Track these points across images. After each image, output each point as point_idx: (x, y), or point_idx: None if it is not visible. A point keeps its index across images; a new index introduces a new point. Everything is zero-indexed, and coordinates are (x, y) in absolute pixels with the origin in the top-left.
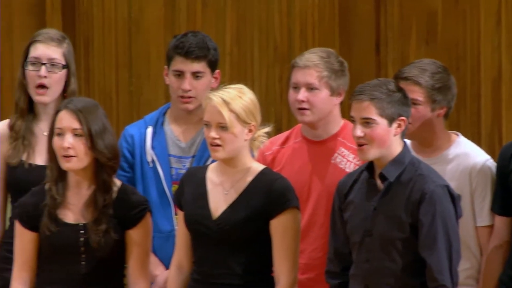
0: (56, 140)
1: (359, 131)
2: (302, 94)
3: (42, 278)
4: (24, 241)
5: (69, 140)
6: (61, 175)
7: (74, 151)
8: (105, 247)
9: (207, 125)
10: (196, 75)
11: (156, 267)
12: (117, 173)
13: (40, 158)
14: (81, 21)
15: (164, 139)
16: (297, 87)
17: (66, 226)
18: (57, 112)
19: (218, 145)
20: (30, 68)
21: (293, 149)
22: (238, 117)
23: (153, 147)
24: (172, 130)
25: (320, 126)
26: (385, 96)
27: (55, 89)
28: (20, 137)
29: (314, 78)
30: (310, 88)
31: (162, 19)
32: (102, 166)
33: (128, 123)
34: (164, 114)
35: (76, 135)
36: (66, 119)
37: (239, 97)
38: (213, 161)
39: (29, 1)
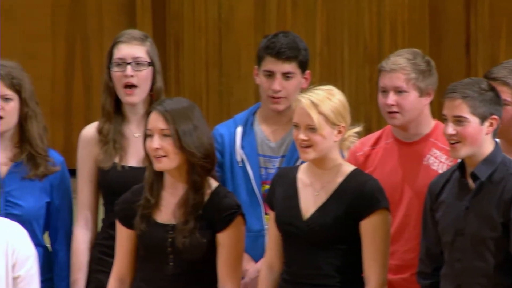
0: (147, 141)
1: (451, 129)
2: (391, 98)
3: (138, 276)
4: (121, 238)
5: (157, 141)
6: (157, 176)
7: (164, 151)
8: (191, 248)
9: (296, 126)
10: (286, 75)
11: (248, 263)
12: None
13: (132, 160)
14: (172, 21)
15: (254, 139)
16: (385, 91)
17: (157, 226)
18: (148, 113)
19: (307, 147)
20: (115, 69)
21: (384, 150)
22: (327, 119)
23: (242, 147)
24: (262, 130)
25: (411, 128)
26: (477, 94)
27: (143, 88)
28: (110, 140)
29: (401, 81)
30: (399, 91)
31: (252, 19)
32: (194, 166)
33: (218, 123)
34: (254, 113)
35: (164, 135)
36: (154, 120)
37: (328, 98)
38: (303, 162)
39: (120, 1)
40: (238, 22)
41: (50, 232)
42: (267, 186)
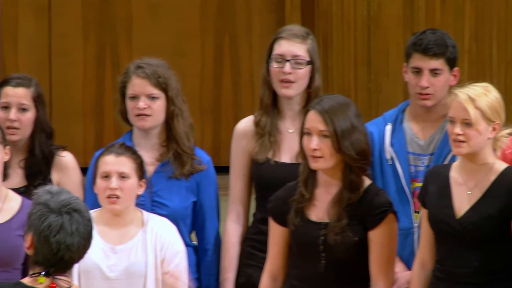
0: (304, 139)
1: None
2: None
3: (290, 274)
4: (274, 236)
5: (316, 141)
6: (311, 173)
7: (321, 152)
8: (342, 246)
9: (452, 121)
10: (434, 72)
11: (396, 265)
12: None
13: (285, 156)
14: (320, 19)
15: (403, 137)
16: None
17: (309, 224)
18: (306, 111)
19: (461, 141)
20: (274, 65)
21: None
22: (483, 114)
23: (392, 145)
24: (411, 127)
25: None
26: None
27: (300, 84)
28: (266, 133)
29: None
30: None
31: (401, 17)
32: (350, 166)
33: (367, 120)
34: (403, 111)
35: (323, 136)
36: (313, 120)
37: (484, 94)
38: (452, 160)
39: None
40: (387, 19)
41: (197, 231)
42: (416, 184)
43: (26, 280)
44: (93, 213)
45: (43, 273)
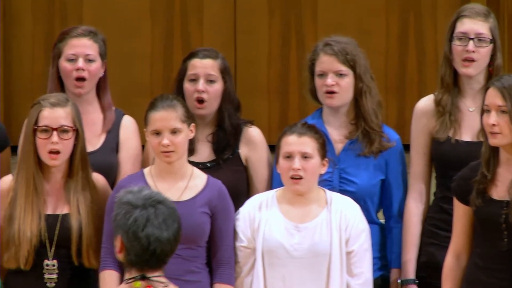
0: (484, 117)
1: None
2: None
3: (474, 252)
4: (458, 215)
5: (494, 117)
6: (493, 152)
7: (499, 128)
8: None
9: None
10: None
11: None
12: None
13: (466, 135)
14: None
15: None
16: None
17: (491, 202)
18: (486, 88)
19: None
20: (457, 43)
21: None
22: None
23: None
24: None
25: None
26: None
27: (481, 62)
28: (447, 112)
29: None
30: None
31: None
32: None
33: None
34: None
35: (501, 111)
36: (492, 96)
37: None
38: None
39: None
40: None
41: (384, 209)
42: None
43: (122, 287)
44: (276, 192)
45: (138, 276)
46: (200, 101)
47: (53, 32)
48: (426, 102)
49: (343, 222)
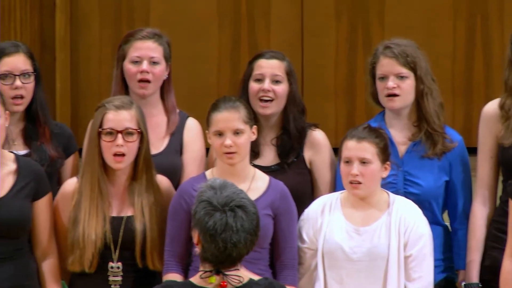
0: None
1: None
2: None
3: None
4: None
5: None
6: None
7: None
8: None
9: None
10: None
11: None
12: None
13: None
14: None
15: None
16: None
17: None
18: None
19: None
20: None
21: None
22: None
23: None
24: None
25: None
26: None
27: None
28: (511, 116)
29: None
30: None
31: None
32: None
33: None
34: None
35: None
36: None
37: None
38: None
39: None
40: None
41: (449, 211)
42: None
43: (195, 280)
44: (341, 194)
45: (213, 271)
46: (266, 100)
47: (120, 36)
48: (492, 106)
49: (402, 225)
